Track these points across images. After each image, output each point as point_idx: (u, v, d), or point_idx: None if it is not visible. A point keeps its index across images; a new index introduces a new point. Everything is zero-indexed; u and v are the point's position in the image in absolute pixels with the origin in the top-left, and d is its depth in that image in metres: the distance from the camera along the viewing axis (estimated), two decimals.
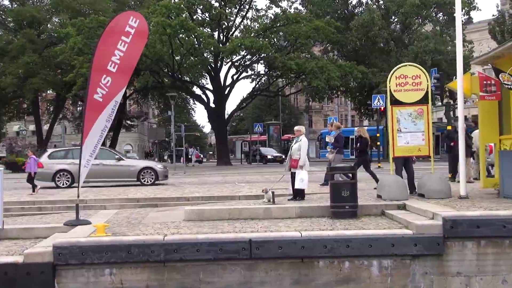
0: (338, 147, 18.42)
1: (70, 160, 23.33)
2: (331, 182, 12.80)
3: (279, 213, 12.97)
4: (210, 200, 16.94)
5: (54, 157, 24.43)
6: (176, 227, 11.92)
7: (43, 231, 12.57)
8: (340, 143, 18.55)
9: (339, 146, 18.47)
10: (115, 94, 12.91)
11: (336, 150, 18.37)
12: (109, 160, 24.35)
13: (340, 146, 18.47)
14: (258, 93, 51.53)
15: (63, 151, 25.45)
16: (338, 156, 18.35)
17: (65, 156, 24.38)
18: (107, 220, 13.48)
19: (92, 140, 12.93)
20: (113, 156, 25.13)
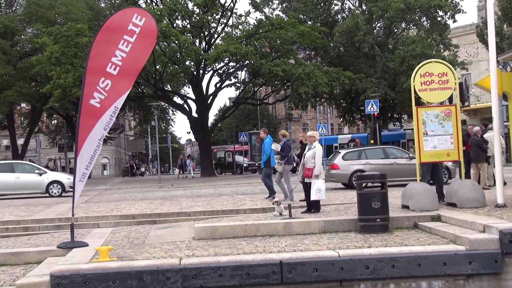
0: (284, 156, 17.05)
1: (365, 161, 23.65)
2: (359, 192, 11.40)
3: (301, 228, 11.59)
4: (213, 215, 15.49)
5: (349, 158, 24.16)
6: (188, 247, 10.47)
7: (34, 255, 11.06)
8: (286, 152, 17.12)
9: (285, 155, 17.05)
10: (115, 99, 11.47)
11: (284, 161, 17.04)
12: None
13: (286, 155, 17.05)
14: (243, 101, 50.12)
15: (357, 152, 25.18)
16: (287, 167, 17.17)
17: (359, 156, 24.25)
18: (106, 241, 12.00)
19: (88, 151, 11.45)
20: None
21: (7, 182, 26.14)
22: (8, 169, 26.98)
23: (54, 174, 28.72)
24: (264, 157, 17.92)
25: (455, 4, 47.94)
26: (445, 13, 48.49)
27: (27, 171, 27.04)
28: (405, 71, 44.07)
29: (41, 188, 26.47)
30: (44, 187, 26.44)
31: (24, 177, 26.51)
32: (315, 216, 13.14)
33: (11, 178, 26.24)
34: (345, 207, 14.95)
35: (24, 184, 26.42)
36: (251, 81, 44.81)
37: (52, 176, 27.18)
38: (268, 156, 17.76)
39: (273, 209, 15.59)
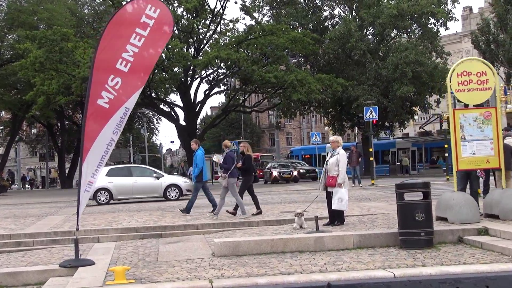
0: (226, 168, 15.79)
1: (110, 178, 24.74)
2: (401, 203, 10.20)
3: (333, 243, 10.37)
4: (223, 228, 14.25)
5: None
6: (212, 266, 9.20)
7: (33, 275, 9.70)
8: (229, 164, 15.83)
9: (228, 167, 15.76)
10: (126, 99, 10.19)
11: (227, 174, 15.74)
12: None
13: (229, 168, 15.76)
14: (233, 109, 48.81)
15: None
16: (231, 180, 15.79)
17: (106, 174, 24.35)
18: (112, 258, 10.74)
19: (95, 158, 10.15)
20: None
21: (125, 186, 25.42)
22: (126, 173, 26.31)
23: (171, 177, 28.31)
24: (196, 171, 16.67)
25: (448, 11, 47.22)
26: (437, 21, 47.76)
27: (144, 174, 26.53)
28: (398, 78, 43.24)
29: (158, 192, 25.72)
30: (162, 191, 25.67)
31: (142, 181, 25.87)
32: (341, 229, 11.97)
33: (129, 182, 25.47)
34: (368, 218, 13.80)
35: (142, 188, 25.74)
36: (242, 88, 43.50)
37: (169, 180, 26.56)
38: (200, 169, 16.58)
39: (286, 221, 14.50)
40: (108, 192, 25.13)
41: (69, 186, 58.81)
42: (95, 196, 24.48)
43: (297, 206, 18.48)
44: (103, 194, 25.10)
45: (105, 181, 24.89)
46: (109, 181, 25.12)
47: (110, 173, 25.60)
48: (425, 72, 43.88)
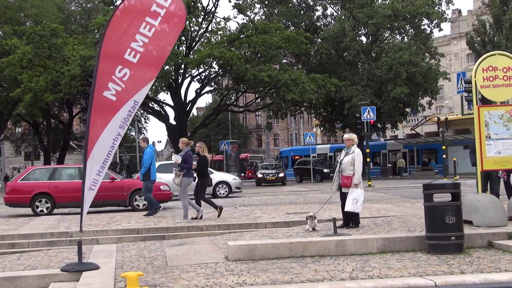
0: (186, 168, 14.87)
1: None
2: (429, 205, 9.53)
3: (356, 247, 9.68)
4: (229, 230, 13.52)
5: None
6: (230, 272, 8.49)
7: (33, 280, 8.92)
8: (188, 163, 14.90)
9: (188, 167, 14.87)
10: (135, 92, 9.44)
11: (183, 173, 14.85)
12: None
13: (188, 167, 14.89)
14: (224, 108, 48.06)
15: None
16: (186, 180, 14.93)
17: None
18: (117, 261, 10.03)
19: (100, 154, 9.40)
20: None
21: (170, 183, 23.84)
22: None
23: (220, 174, 27.87)
24: (143, 169, 15.96)
25: (442, 12, 46.84)
26: (430, 22, 47.39)
27: None
28: (392, 78, 42.75)
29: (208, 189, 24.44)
30: (211, 188, 24.96)
31: None
32: (358, 231, 11.31)
33: None
34: (382, 221, 13.18)
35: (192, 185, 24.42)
36: (235, 87, 42.74)
37: (218, 177, 26.22)
38: (147, 168, 15.87)
39: (294, 223, 13.84)
40: None
41: None
42: None
43: (300, 208, 17.90)
44: None
45: None
46: (158, 177, 24.27)
47: (159, 169, 24.25)
48: (419, 73, 43.42)
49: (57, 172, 20.74)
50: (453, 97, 78.13)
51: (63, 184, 19.64)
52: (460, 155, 39.71)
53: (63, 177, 20.35)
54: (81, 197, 9.43)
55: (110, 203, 19.76)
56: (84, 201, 9.38)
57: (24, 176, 20.43)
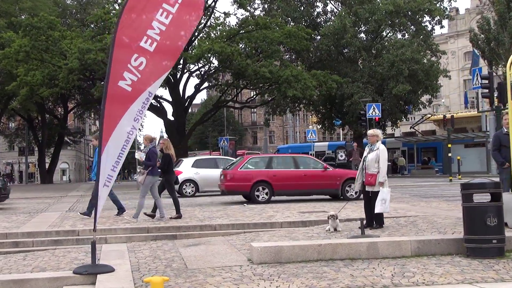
0: (150, 165, 14.11)
1: None
2: (466, 205, 8.90)
3: (389, 250, 9.05)
4: (244, 229, 12.87)
5: None
6: (259, 276, 7.84)
7: (43, 284, 8.27)
8: (152, 160, 14.16)
9: (152, 164, 14.12)
10: (150, 83, 8.82)
11: (147, 171, 14.08)
12: None
13: (153, 165, 14.13)
14: (224, 104, 47.38)
15: None
16: (150, 178, 14.14)
17: None
18: (132, 263, 9.35)
19: (115, 148, 8.75)
20: None
21: (212, 178, 23.84)
22: (212, 164, 25.38)
23: None
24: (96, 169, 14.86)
25: (444, 9, 46.29)
26: (432, 18, 46.85)
27: None
28: (394, 76, 42.18)
29: None
30: None
31: None
32: (384, 232, 10.70)
33: (216, 174, 23.66)
34: (405, 221, 12.57)
35: None
36: (235, 82, 42.03)
37: None
38: None
39: (312, 223, 13.23)
40: (194, 184, 24.29)
41: (49, 182, 56.99)
42: (180, 188, 23.57)
43: (312, 206, 17.32)
44: (189, 186, 24.31)
45: (191, 172, 23.94)
46: (195, 172, 24.12)
47: (196, 164, 24.65)
48: (421, 70, 42.87)
49: (273, 161, 21.36)
50: (450, 95, 77.97)
51: (280, 173, 20.33)
52: (461, 153, 39.23)
53: (280, 166, 20.94)
54: (94, 194, 8.79)
55: (322, 192, 20.52)
56: (99, 197, 8.72)
57: (243, 164, 20.75)
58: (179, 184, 23.66)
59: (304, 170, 20.62)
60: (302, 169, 20.62)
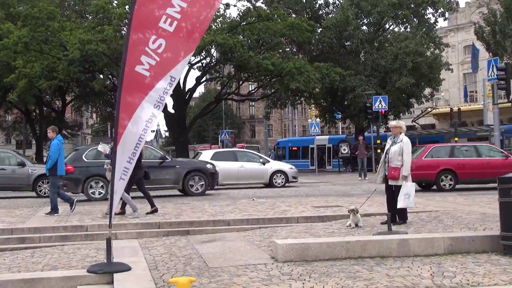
0: None
1: None
2: (503, 200, 8.40)
3: (420, 247, 8.57)
4: (259, 224, 12.39)
5: None
6: (288, 276, 7.36)
7: (56, 283, 7.77)
8: None
9: None
10: (171, 66, 8.23)
11: None
12: None
13: None
14: (225, 97, 46.81)
15: None
16: None
17: None
18: (148, 261, 8.86)
19: (132, 138, 8.20)
20: None
21: (231, 171, 24.17)
22: (232, 157, 25.29)
23: (277, 163, 27.07)
24: (49, 163, 13.85)
25: (448, 1, 45.72)
26: (435, 10, 46.30)
27: (250, 159, 25.49)
28: (398, 69, 41.61)
29: (264, 179, 24.72)
30: (268, 177, 24.64)
31: (248, 166, 24.84)
32: (409, 228, 10.22)
33: (235, 167, 24.41)
34: (428, 216, 12.11)
35: (248, 174, 24.73)
36: (237, 75, 41.45)
37: (275, 166, 25.53)
38: (54, 161, 13.72)
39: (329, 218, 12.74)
40: None
41: None
42: None
43: (324, 201, 16.83)
44: None
45: None
46: None
47: (214, 157, 24.43)
48: (424, 63, 42.33)
49: (456, 149, 21.59)
50: (449, 89, 77.51)
51: (464, 161, 20.75)
52: None
53: (463, 155, 21.27)
54: (110, 188, 8.28)
55: None
56: (115, 192, 8.19)
57: (427, 153, 20.87)
58: None
59: (487, 158, 20.95)
60: (484, 158, 20.99)
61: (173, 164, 20.94)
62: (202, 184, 20.70)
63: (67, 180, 18.55)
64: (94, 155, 19.71)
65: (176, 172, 20.55)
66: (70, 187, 19.26)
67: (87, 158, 19.92)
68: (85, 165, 19.62)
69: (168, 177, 20.46)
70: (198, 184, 20.70)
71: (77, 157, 20.03)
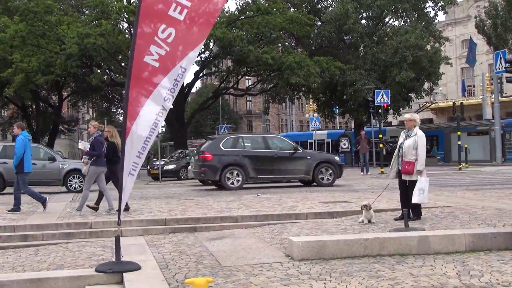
0: (95, 155, 13.12)
1: None
2: None
3: (441, 244, 8.27)
4: (268, 220, 12.07)
5: None
6: (307, 275, 7.04)
7: (63, 283, 7.44)
8: (98, 150, 13.12)
9: (96, 154, 13.10)
10: (182, 56, 7.88)
11: (92, 160, 13.10)
12: None
13: (97, 154, 13.12)
14: (224, 91, 46.41)
15: None
16: (94, 169, 13.14)
17: None
18: (158, 260, 8.48)
19: (141, 132, 7.86)
20: None
21: None
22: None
23: None
24: (15, 160, 13.52)
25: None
26: (435, 4, 46.01)
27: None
28: (398, 63, 41.32)
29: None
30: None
31: None
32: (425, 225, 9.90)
33: None
34: (441, 211, 11.78)
35: None
36: (236, 69, 41.04)
37: None
38: (19, 158, 13.41)
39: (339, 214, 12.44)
40: None
41: None
42: None
43: (331, 196, 16.49)
44: None
45: None
46: None
47: None
48: (424, 57, 42.05)
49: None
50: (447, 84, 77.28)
51: None
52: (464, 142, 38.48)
53: None
54: (119, 184, 7.94)
55: None
56: (124, 188, 7.86)
57: None
58: None
59: None
60: None
61: (304, 155, 21.71)
62: (331, 174, 21.43)
63: (205, 167, 20.11)
64: (231, 144, 20.85)
65: (307, 163, 21.22)
66: (208, 174, 20.50)
67: (224, 147, 20.72)
68: (223, 153, 20.51)
69: (299, 168, 21.23)
70: (327, 174, 21.45)
71: (215, 146, 20.76)
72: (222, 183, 20.32)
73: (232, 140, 21.04)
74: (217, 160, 20.35)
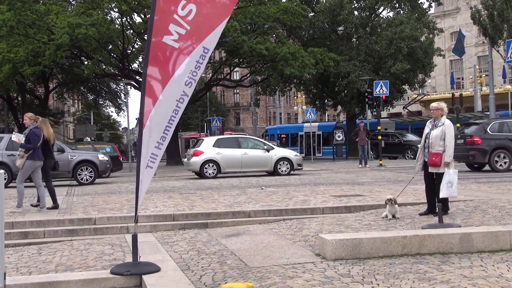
0: (30, 149, 12.19)
1: None
2: None
3: (484, 242, 7.64)
4: (282, 215, 11.42)
5: None
6: (349, 277, 6.39)
7: (76, 287, 6.70)
8: (34, 143, 12.15)
9: (31, 147, 12.16)
10: (204, 36, 7.20)
11: (28, 154, 12.20)
12: None
13: (34, 148, 12.18)
14: (216, 83, 45.59)
15: None
16: (30, 163, 12.28)
17: None
18: (176, 260, 7.83)
19: (160, 120, 7.18)
20: None
21: (234, 159, 23.66)
22: (235, 144, 24.50)
23: (281, 150, 25.95)
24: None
25: None
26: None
27: (254, 146, 24.74)
28: (393, 54, 40.74)
29: (268, 166, 23.90)
30: (272, 164, 23.83)
31: (251, 153, 24.06)
32: (456, 220, 9.28)
33: (238, 154, 23.70)
34: (465, 205, 11.18)
35: (252, 161, 23.91)
36: (229, 60, 40.25)
37: (280, 153, 24.58)
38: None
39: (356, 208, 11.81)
40: (216, 164, 23.28)
41: None
42: (202, 169, 23.10)
43: (339, 189, 15.90)
44: (211, 167, 23.28)
45: (213, 152, 23.35)
46: (216, 152, 23.22)
47: (217, 143, 23.93)
48: (419, 48, 41.51)
49: None
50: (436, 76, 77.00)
51: None
52: None
53: None
54: (136, 178, 7.23)
55: None
56: (141, 182, 7.16)
57: None
58: (201, 165, 23.08)
59: None
60: None
61: None
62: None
63: (475, 151, 21.07)
64: (498, 128, 21.59)
65: None
66: (478, 157, 21.38)
67: (491, 131, 21.44)
68: (491, 137, 21.32)
69: None
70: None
71: (483, 130, 21.51)
72: (491, 165, 21.17)
73: (498, 124, 21.96)
74: (486, 143, 21.23)
